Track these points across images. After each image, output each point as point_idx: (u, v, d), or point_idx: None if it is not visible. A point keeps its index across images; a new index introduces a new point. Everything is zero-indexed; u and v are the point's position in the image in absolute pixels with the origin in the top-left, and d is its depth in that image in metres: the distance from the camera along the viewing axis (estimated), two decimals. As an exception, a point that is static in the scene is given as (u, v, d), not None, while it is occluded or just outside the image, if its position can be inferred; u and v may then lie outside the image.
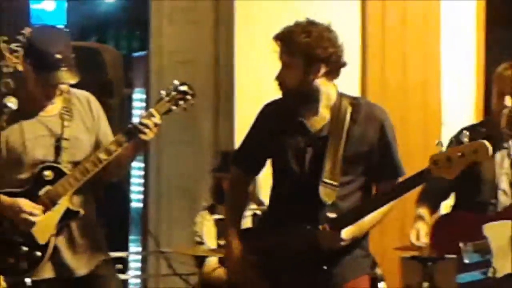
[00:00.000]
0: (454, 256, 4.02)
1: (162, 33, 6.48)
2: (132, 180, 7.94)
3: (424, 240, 4.25)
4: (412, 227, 4.34)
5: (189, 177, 6.19)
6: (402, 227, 5.78)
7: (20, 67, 4.13)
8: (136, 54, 8.57)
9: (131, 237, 7.88)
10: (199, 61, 6.17)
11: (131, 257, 7.43)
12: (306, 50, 3.70)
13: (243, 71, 3.96)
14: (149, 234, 6.34)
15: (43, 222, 3.99)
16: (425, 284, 3.80)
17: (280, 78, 3.79)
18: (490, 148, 3.45)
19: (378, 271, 4.65)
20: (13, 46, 5.48)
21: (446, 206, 4.58)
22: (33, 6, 5.89)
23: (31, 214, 3.94)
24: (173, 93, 4.08)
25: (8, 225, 3.98)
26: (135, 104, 7.90)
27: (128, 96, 6.97)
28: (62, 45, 4.02)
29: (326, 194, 3.71)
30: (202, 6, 6.16)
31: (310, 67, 3.72)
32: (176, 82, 4.11)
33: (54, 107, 4.08)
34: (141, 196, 7.64)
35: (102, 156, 4.01)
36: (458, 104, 6.12)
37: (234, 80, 5.78)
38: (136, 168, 7.88)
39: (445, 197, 4.53)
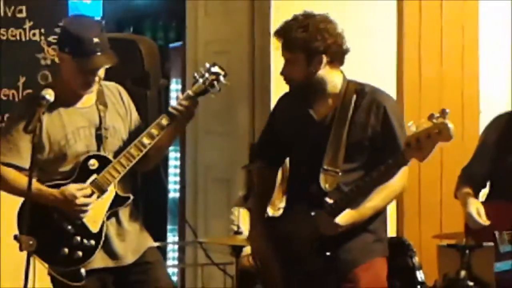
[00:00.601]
0: (491, 244, 4.00)
1: (198, 24, 6.50)
2: (170, 170, 7.99)
3: (485, 218, 4.25)
4: (466, 206, 4.33)
5: (225, 168, 6.21)
6: (439, 215, 5.78)
7: (57, 60, 4.18)
8: (172, 45, 8.61)
9: (168, 227, 7.93)
10: (235, 51, 6.17)
11: (169, 247, 7.48)
12: (305, 44, 3.78)
13: (279, 61, 3.97)
14: (187, 224, 6.37)
15: (94, 211, 4.03)
16: (463, 273, 3.78)
17: (285, 73, 3.89)
18: (452, 128, 3.46)
19: (416, 259, 4.65)
20: (51, 38, 5.57)
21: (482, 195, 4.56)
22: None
23: (83, 201, 3.96)
24: (206, 74, 4.15)
25: (59, 216, 4.00)
26: (172, 94, 7.94)
27: (165, 87, 7.00)
28: (97, 30, 4.08)
29: (326, 180, 3.79)
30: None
31: (311, 60, 3.80)
32: (207, 64, 4.19)
33: (89, 98, 4.12)
34: (178, 186, 7.69)
35: (146, 140, 4.07)
36: (496, 95, 6.07)
37: (271, 71, 5.78)
38: (173, 158, 7.93)
39: (484, 185, 4.52)
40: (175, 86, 7.90)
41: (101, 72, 4.07)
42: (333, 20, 3.88)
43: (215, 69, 4.18)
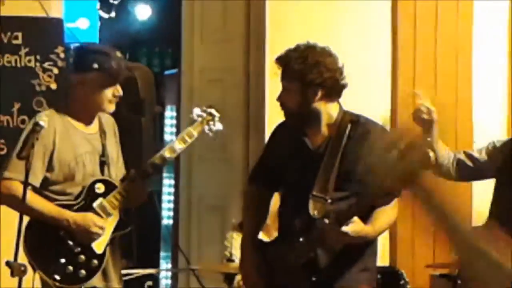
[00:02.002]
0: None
1: (194, 52, 6.53)
2: (163, 197, 8.00)
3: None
4: None
5: (219, 195, 6.22)
6: (432, 245, 5.77)
7: (53, 86, 4.22)
8: (167, 72, 8.65)
9: (162, 254, 7.92)
10: (230, 79, 6.20)
11: (162, 274, 7.47)
12: (301, 75, 3.83)
13: (274, 89, 4.02)
14: (180, 251, 6.36)
15: None
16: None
17: (281, 100, 3.94)
18: (433, 156, 3.33)
19: (408, 288, 4.66)
20: (47, 65, 5.58)
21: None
22: (67, 25, 5.94)
23: (101, 228, 4.11)
24: (204, 114, 4.35)
25: (66, 235, 4.10)
26: (167, 121, 7.97)
27: (159, 114, 7.03)
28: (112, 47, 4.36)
29: (315, 207, 3.82)
30: (233, 25, 6.19)
31: (306, 91, 3.85)
32: (204, 106, 4.39)
33: (94, 125, 4.27)
34: (171, 213, 7.69)
35: (149, 169, 4.23)
36: (490, 102, 6.06)
37: (265, 99, 5.80)
38: (167, 185, 7.93)
39: None
40: (170, 113, 7.93)
41: (120, 91, 4.22)
42: (334, 54, 3.92)
43: (212, 111, 4.37)
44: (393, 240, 5.83)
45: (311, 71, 3.83)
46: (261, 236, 4.17)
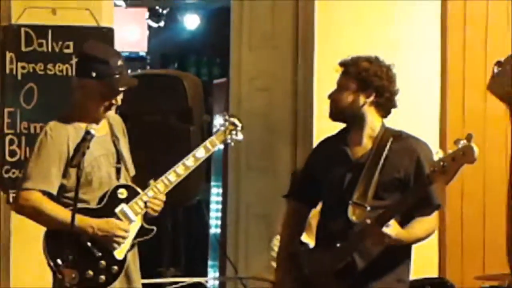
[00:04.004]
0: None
1: (242, 60, 6.54)
2: (211, 206, 8.02)
3: None
4: None
5: (267, 203, 6.21)
6: (482, 256, 5.72)
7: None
8: (216, 81, 8.68)
9: (209, 263, 7.94)
10: (278, 88, 6.20)
11: (210, 283, 7.48)
12: (363, 74, 3.96)
13: (322, 98, 4.05)
14: (228, 259, 6.37)
15: None
16: (506, 315, 3.75)
17: (333, 98, 4.05)
18: (476, 150, 3.56)
19: (457, 300, 4.63)
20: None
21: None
22: (117, 34, 6.00)
23: (126, 231, 4.12)
24: (226, 123, 4.43)
25: (88, 239, 4.10)
26: (215, 130, 7.98)
27: (208, 123, 7.05)
28: (118, 53, 4.27)
29: (353, 212, 3.90)
30: (281, 33, 6.19)
31: (362, 91, 3.97)
32: (226, 115, 4.49)
33: (103, 127, 4.24)
34: (219, 222, 7.71)
35: (172, 177, 4.25)
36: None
37: (313, 108, 5.79)
38: (215, 194, 7.96)
39: None
40: (218, 121, 7.95)
41: (120, 96, 4.19)
42: (395, 74, 4.05)
43: (234, 120, 4.45)
44: (442, 250, 5.79)
45: (375, 73, 3.95)
46: (304, 238, 4.23)
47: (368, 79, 3.95)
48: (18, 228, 5.72)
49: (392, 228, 3.77)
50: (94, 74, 4.10)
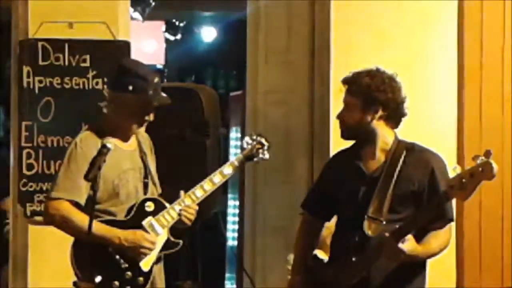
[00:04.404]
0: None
1: (258, 73, 6.53)
2: (228, 218, 8.01)
3: None
4: None
5: (284, 216, 6.20)
6: (500, 268, 5.69)
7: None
8: (232, 93, 8.68)
9: (227, 275, 7.92)
10: (294, 101, 6.19)
11: (227, 295, 7.47)
12: (366, 91, 3.95)
13: (338, 110, 4.07)
14: (244, 272, 6.36)
15: None
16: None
17: (341, 117, 4.06)
18: (495, 167, 3.55)
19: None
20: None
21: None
22: (134, 47, 6.03)
23: (152, 243, 4.18)
24: (254, 142, 4.51)
25: (115, 251, 4.15)
26: (231, 143, 7.98)
27: (224, 135, 7.06)
28: (154, 71, 4.28)
29: (369, 227, 3.89)
30: (297, 46, 6.19)
31: (368, 108, 3.96)
32: (254, 135, 4.57)
33: (132, 142, 4.32)
34: (236, 235, 7.69)
35: (199, 192, 4.33)
36: None
37: (330, 121, 5.78)
38: (232, 206, 7.94)
39: None
40: (234, 134, 7.94)
41: (152, 117, 4.26)
42: (400, 82, 4.03)
43: (261, 139, 4.53)
44: (460, 263, 5.76)
45: (378, 88, 3.94)
46: (318, 253, 4.23)
47: (372, 95, 3.94)
48: (35, 241, 5.74)
49: (408, 244, 3.77)
50: (131, 88, 4.17)
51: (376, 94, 3.94)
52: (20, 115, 5.77)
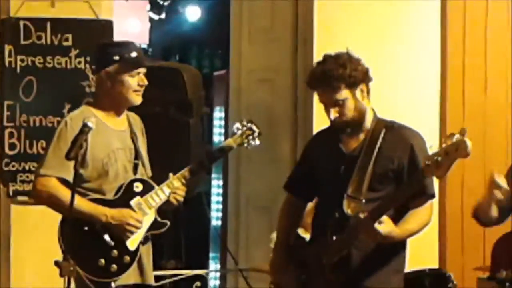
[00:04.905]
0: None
1: (242, 52, 6.53)
2: (212, 198, 8.02)
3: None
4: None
5: (267, 196, 6.21)
6: (482, 247, 5.71)
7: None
8: (216, 73, 8.67)
9: (210, 255, 7.94)
10: (278, 80, 6.19)
11: (211, 275, 7.49)
12: (345, 79, 3.90)
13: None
14: (228, 252, 6.37)
15: None
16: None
17: (340, 116, 3.97)
18: (470, 145, 3.56)
19: (455, 290, 4.64)
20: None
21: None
22: (118, 27, 6.00)
23: (139, 221, 4.19)
24: (244, 128, 4.48)
25: (101, 228, 4.18)
26: (215, 122, 7.98)
27: (207, 115, 7.05)
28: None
29: (349, 206, 3.90)
30: (281, 25, 6.18)
31: (354, 92, 3.93)
32: (245, 120, 4.52)
33: (122, 122, 4.34)
34: (220, 214, 7.70)
35: (187, 174, 4.34)
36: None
37: (313, 100, 5.78)
38: (216, 186, 7.95)
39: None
40: (218, 114, 7.94)
41: (145, 80, 4.31)
42: (350, 52, 4.00)
43: (252, 126, 4.50)
44: (443, 242, 5.79)
45: (351, 72, 3.91)
46: (300, 231, 4.25)
47: (353, 79, 3.90)
48: (18, 220, 5.73)
49: (384, 226, 3.78)
50: (117, 58, 4.22)
51: (354, 75, 3.92)
52: (2, 94, 5.75)
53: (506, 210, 4.18)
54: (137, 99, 4.30)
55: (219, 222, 7.66)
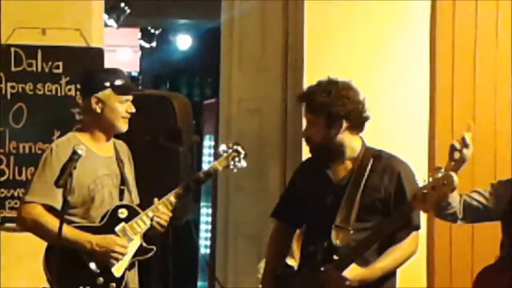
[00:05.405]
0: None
1: (232, 81, 6.55)
2: (201, 226, 8.01)
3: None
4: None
5: (256, 224, 6.21)
6: (471, 277, 5.71)
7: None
8: (206, 101, 8.69)
9: (199, 283, 7.92)
10: (267, 109, 6.21)
11: (199, 303, 7.47)
12: (327, 108, 3.95)
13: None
14: (216, 280, 6.36)
15: None
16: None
17: (306, 135, 4.09)
18: (456, 179, 3.57)
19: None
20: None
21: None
22: (109, 54, 6.03)
23: (124, 247, 4.19)
24: (230, 150, 4.50)
25: (87, 256, 4.17)
26: (205, 151, 7.99)
27: (197, 143, 7.05)
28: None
29: (337, 236, 3.91)
30: (271, 54, 6.21)
31: (331, 123, 3.97)
32: (231, 143, 4.56)
33: (109, 149, 4.36)
34: (208, 242, 7.69)
35: (173, 198, 4.35)
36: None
37: (303, 129, 5.80)
38: (205, 214, 7.94)
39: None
40: (208, 142, 7.95)
41: (133, 108, 4.34)
42: (356, 88, 4.05)
43: (238, 148, 4.52)
44: (431, 264, 5.79)
45: (336, 104, 3.95)
46: (288, 260, 4.24)
47: (333, 112, 3.94)
48: (6, 248, 5.71)
49: (351, 270, 3.81)
50: (107, 84, 4.26)
51: (336, 110, 3.94)
52: (-8, 121, 5.76)
53: (473, 211, 4.11)
54: (124, 126, 4.32)
55: (208, 250, 7.65)
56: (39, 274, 4.19)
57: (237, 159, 4.51)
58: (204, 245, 7.85)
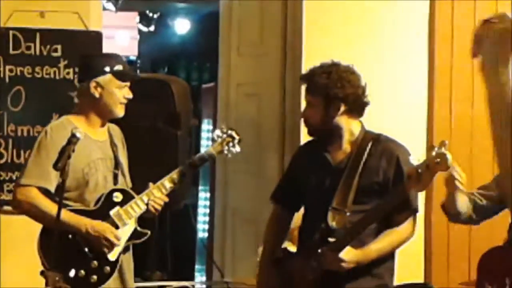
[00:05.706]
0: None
1: (230, 65, 6.55)
2: (199, 210, 8.02)
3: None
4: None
5: (254, 208, 6.22)
6: (467, 262, 5.73)
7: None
8: (205, 85, 8.68)
9: (197, 267, 7.94)
10: (265, 94, 6.21)
11: (196, 287, 7.48)
12: (325, 89, 3.95)
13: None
14: (214, 264, 6.38)
15: None
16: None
17: (305, 116, 4.09)
18: (450, 158, 3.58)
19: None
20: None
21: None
22: (107, 38, 6.02)
23: (117, 238, 4.19)
24: (224, 135, 4.49)
25: (81, 239, 4.17)
26: (203, 134, 7.99)
27: (195, 127, 7.06)
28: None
29: (333, 218, 3.91)
30: (270, 39, 6.20)
31: (329, 105, 3.97)
32: (225, 128, 4.54)
33: (103, 133, 4.35)
34: (207, 226, 7.70)
35: (167, 183, 4.34)
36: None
37: (301, 113, 5.81)
38: (203, 198, 7.95)
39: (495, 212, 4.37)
40: (206, 126, 7.95)
41: (130, 94, 4.33)
42: (357, 72, 4.05)
43: (232, 132, 4.51)
44: (428, 256, 5.80)
45: (335, 86, 3.94)
46: (287, 245, 4.25)
47: (331, 94, 3.94)
48: (5, 231, 5.72)
49: (346, 253, 3.82)
50: (107, 69, 4.24)
51: (335, 92, 3.94)
52: (-10, 104, 5.76)
53: (485, 210, 4.15)
54: (121, 112, 4.31)
55: (206, 234, 7.66)
56: (37, 257, 4.19)
57: (231, 144, 4.51)
58: (202, 229, 7.86)
